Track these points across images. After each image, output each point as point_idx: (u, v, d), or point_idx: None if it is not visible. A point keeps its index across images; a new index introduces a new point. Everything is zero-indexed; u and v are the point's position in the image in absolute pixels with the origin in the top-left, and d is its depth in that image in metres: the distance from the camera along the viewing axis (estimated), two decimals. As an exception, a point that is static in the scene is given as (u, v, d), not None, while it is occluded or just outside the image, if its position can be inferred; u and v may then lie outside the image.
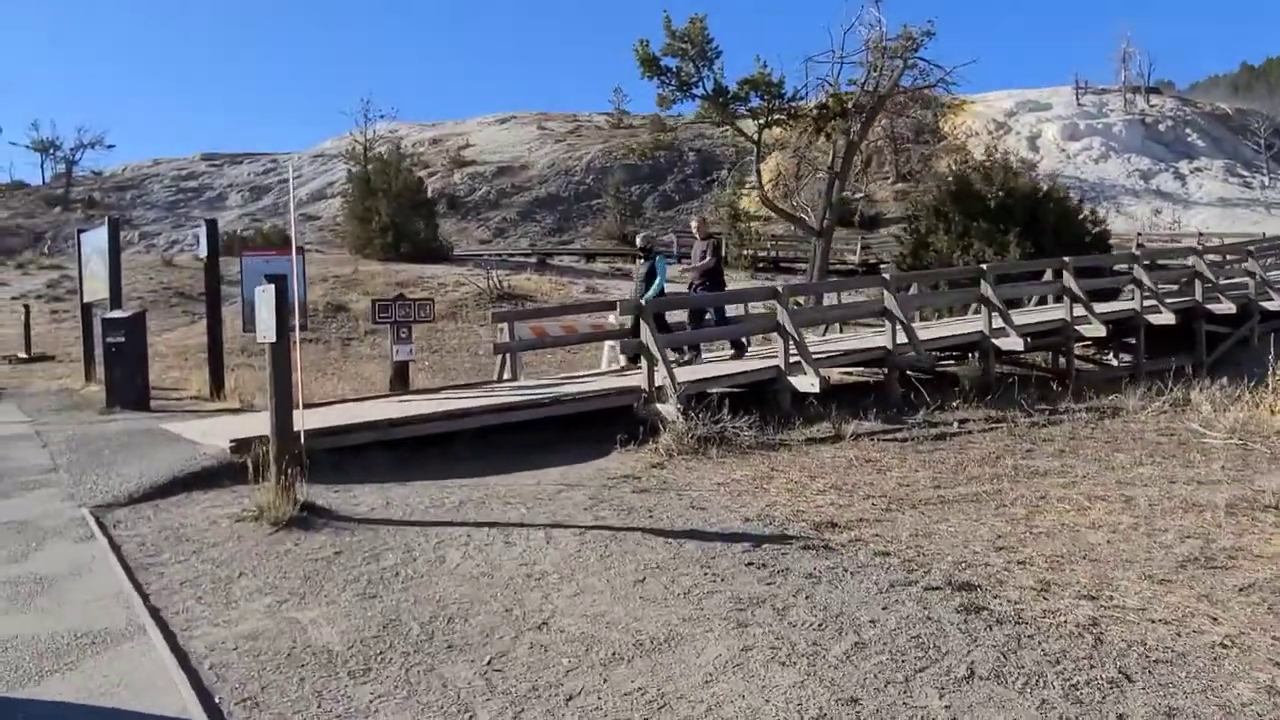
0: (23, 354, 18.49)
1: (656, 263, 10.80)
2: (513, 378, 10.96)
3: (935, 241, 18.41)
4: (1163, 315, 13.61)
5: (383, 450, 7.45)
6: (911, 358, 10.54)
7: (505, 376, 11.18)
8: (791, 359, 9.73)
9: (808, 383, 9.54)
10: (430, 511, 5.69)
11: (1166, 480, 6.63)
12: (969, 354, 12.64)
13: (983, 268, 12.36)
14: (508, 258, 36.99)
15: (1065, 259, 13.27)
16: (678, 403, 8.41)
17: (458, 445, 7.89)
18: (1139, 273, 13.82)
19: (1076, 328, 12.79)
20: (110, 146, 72.30)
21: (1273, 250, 17.99)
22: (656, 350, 8.90)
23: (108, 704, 3.19)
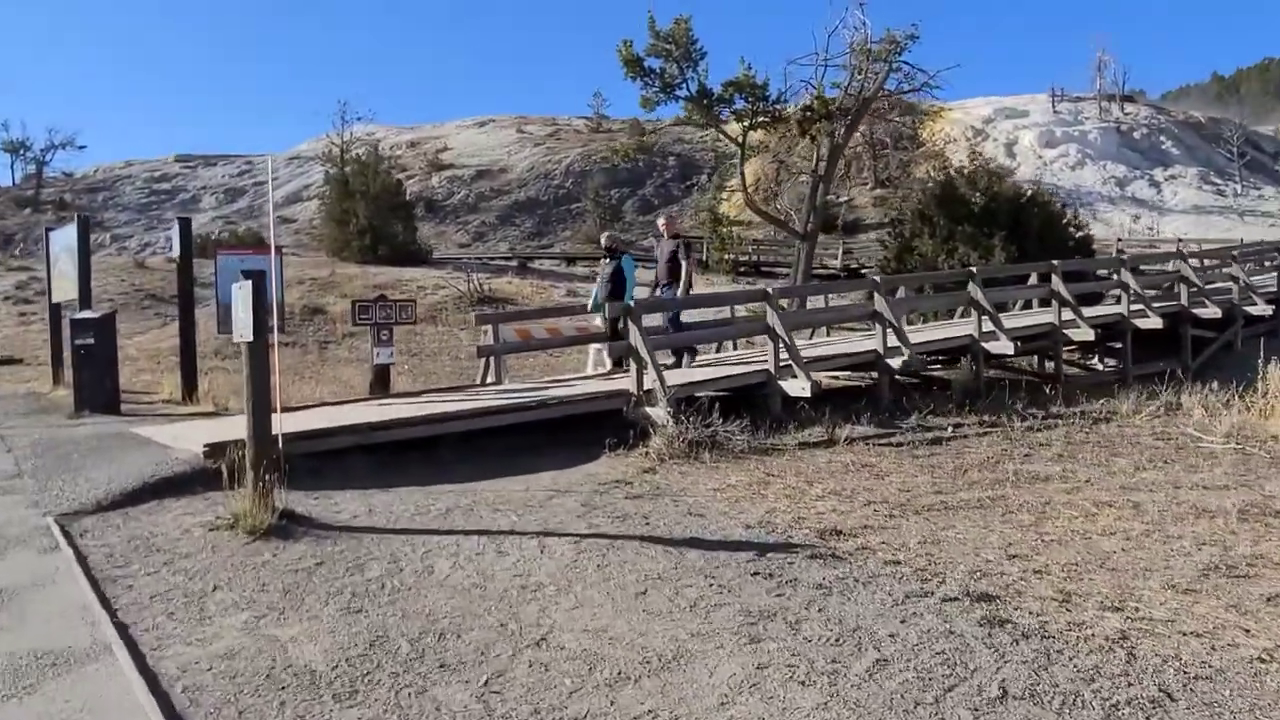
0: (-12, 357, 17.98)
1: (623, 263, 10.46)
2: (497, 381, 10.70)
3: (920, 245, 18.32)
4: (1150, 320, 13.57)
5: (364, 455, 7.18)
6: (903, 361, 10.37)
7: (489, 380, 10.91)
8: (782, 362, 9.55)
9: (799, 386, 9.36)
10: (416, 519, 5.42)
11: (1171, 485, 6.50)
12: (958, 358, 12.51)
13: (972, 270, 12.24)
14: (488, 261, 36.65)
15: (1054, 263, 13.20)
16: (668, 406, 8.19)
17: (442, 450, 7.62)
18: (1126, 277, 13.77)
19: (1065, 331, 12.71)
20: (82, 147, 70.72)
21: (1254, 255, 18.04)
22: (646, 353, 8.68)
23: (69, 732, 2.92)
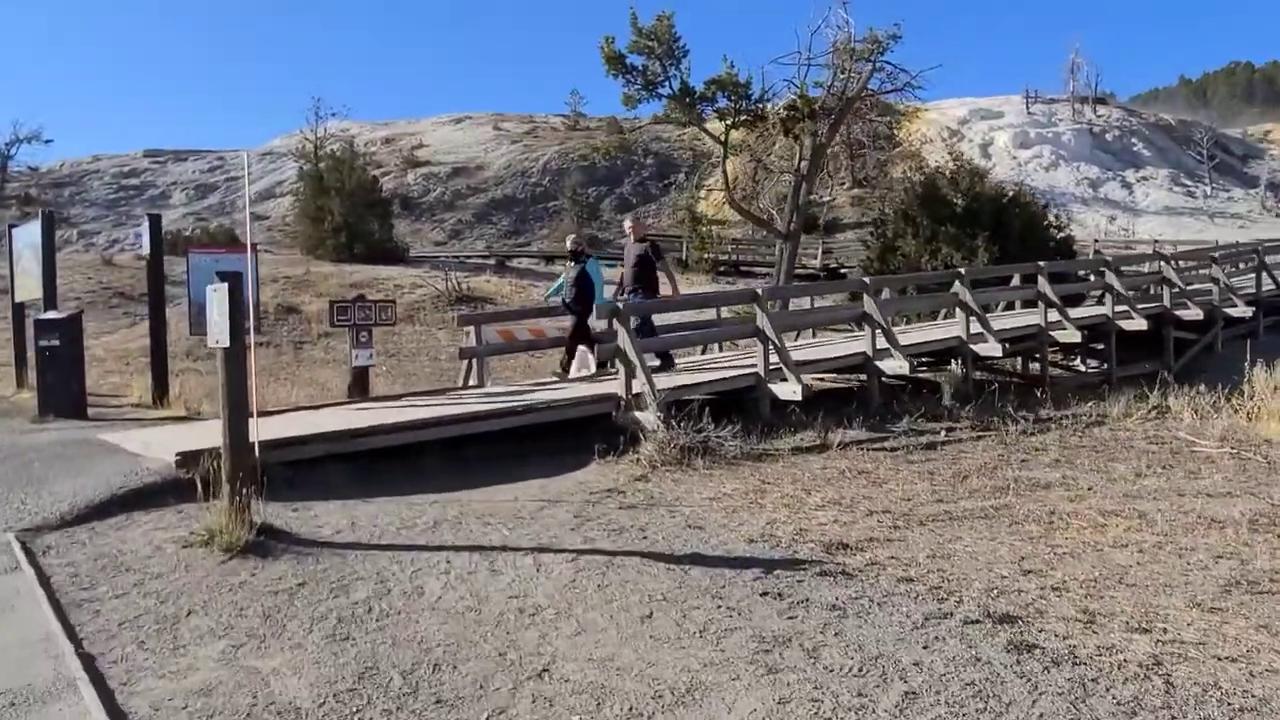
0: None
1: (589, 268, 10.18)
2: (479, 384, 10.43)
3: (903, 245, 18.24)
4: (1135, 321, 13.53)
5: (343, 463, 6.89)
6: (896, 365, 10.23)
7: (471, 382, 10.63)
8: (771, 365, 9.37)
9: (789, 390, 9.18)
10: (402, 533, 5.16)
11: (1175, 493, 6.38)
12: (944, 360, 12.40)
13: (960, 272, 12.13)
14: (465, 260, 36.23)
15: (1040, 264, 13.14)
16: (658, 411, 7.98)
17: (424, 457, 7.35)
18: (1111, 278, 13.74)
19: (1051, 333, 12.64)
20: (48, 141, 69.19)
21: (1232, 257, 18.11)
22: (635, 356, 8.46)
23: (28, 783, 2.66)
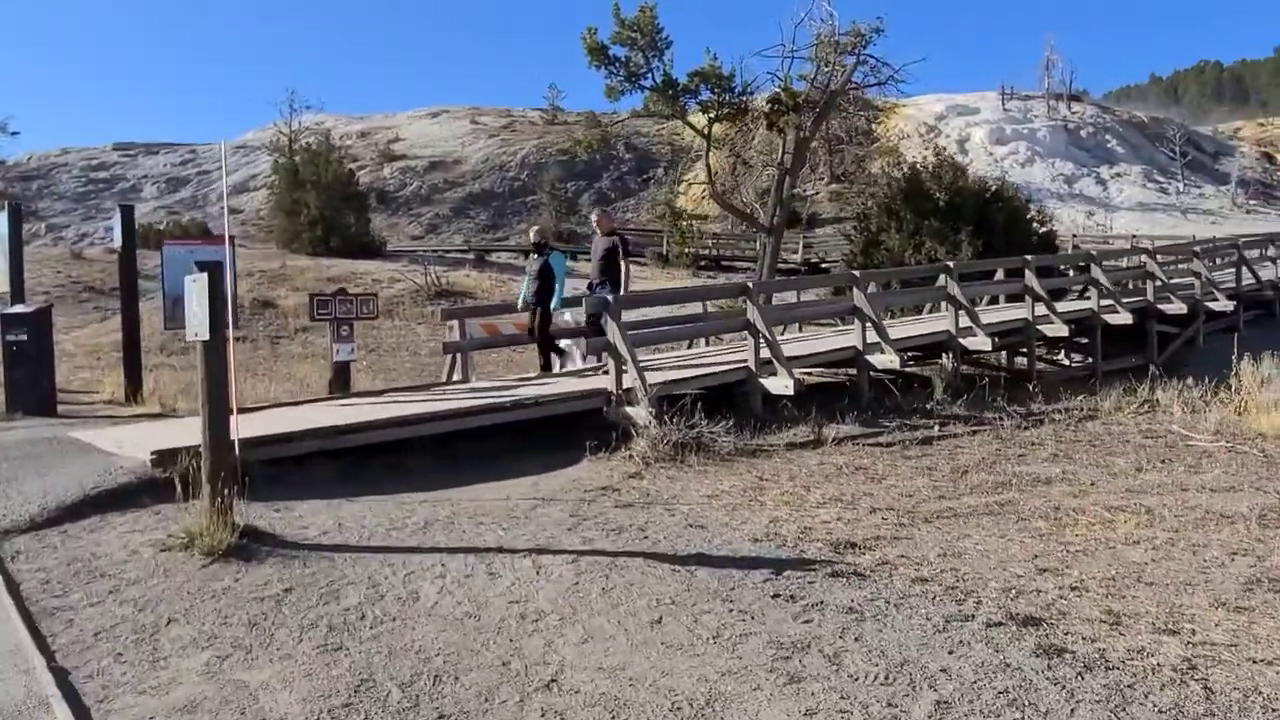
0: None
1: (552, 260, 10.02)
2: (463, 379, 10.21)
3: (887, 240, 18.16)
4: (1120, 315, 13.52)
5: (327, 461, 6.67)
6: (888, 359, 10.11)
7: (455, 377, 10.40)
8: (762, 359, 9.22)
9: (781, 384, 9.03)
10: (392, 534, 4.95)
11: (1177, 488, 6.30)
12: (934, 355, 12.31)
13: (949, 265, 12.06)
14: (444, 254, 35.83)
15: (1028, 257, 13.09)
16: (650, 406, 7.80)
17: (410, 454, 7.13)
18: (1097, 273, 13.73)
19: (1038, 327, 12.59)
20: (14, 134, 67.48)
21: (1212, 252, 18.20)
22: (626, 350, 8.28)
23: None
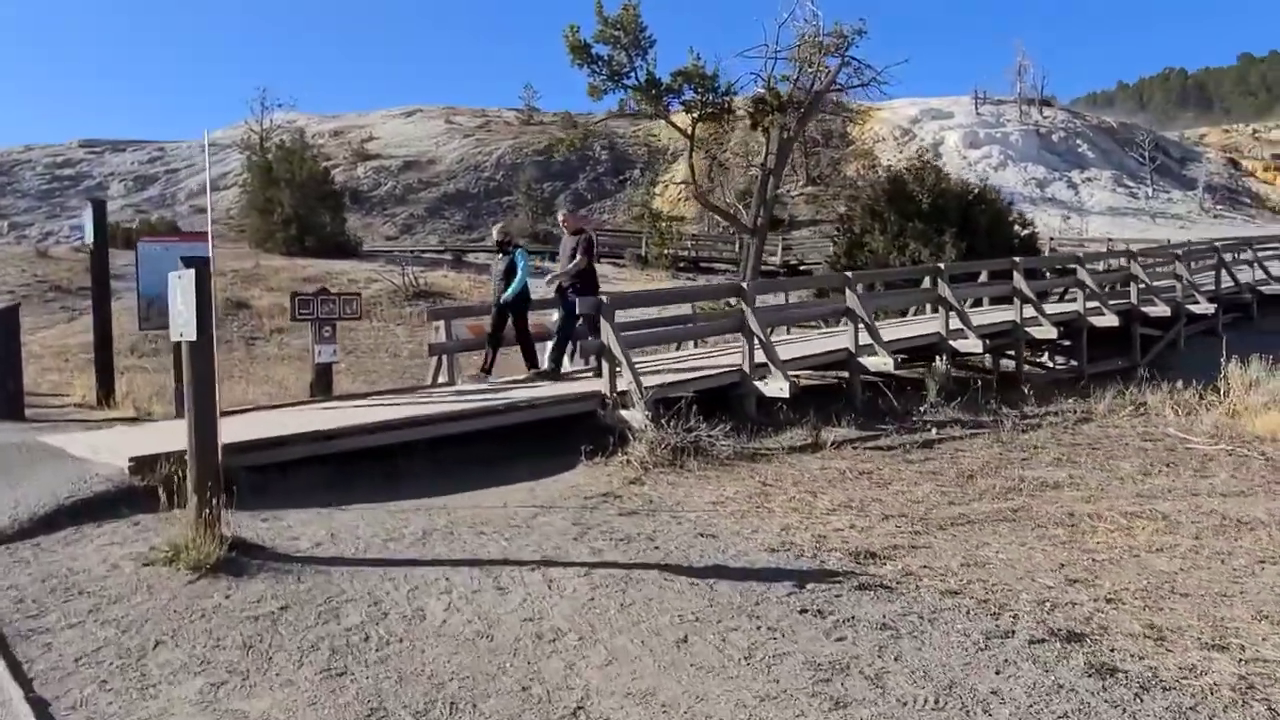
0: None
1: (516, 258, 9.85)
2: (449, 381, 9.92)
3: (870, 241, 18.11)
4: (1106, 318, 13.53)
5: (313, 467, 6.37)
6: (876, 360, 9.99)
7: (441, 380, 10.12)
8: (757, 362, 9.05)
9: (776, 387, 8.87)
10: (389, 546, 4.70)
11: (1188, 493, 6.20)
12: (925, 357, 12.21)
13: (939, 267, 11.97)
14: (421, 254, 35.37)
15: (1016, 259, 13.04)
16: (646, 409, 7.60)
17: (399, 460, 6.86)
18: (1083, 275, 13.73)
19: (1027, 329, 12.55)
20: (-25, 129, 66.34)
21: (1192, 255, 18.33)
22: (620, 352, 8.06)
23: None
